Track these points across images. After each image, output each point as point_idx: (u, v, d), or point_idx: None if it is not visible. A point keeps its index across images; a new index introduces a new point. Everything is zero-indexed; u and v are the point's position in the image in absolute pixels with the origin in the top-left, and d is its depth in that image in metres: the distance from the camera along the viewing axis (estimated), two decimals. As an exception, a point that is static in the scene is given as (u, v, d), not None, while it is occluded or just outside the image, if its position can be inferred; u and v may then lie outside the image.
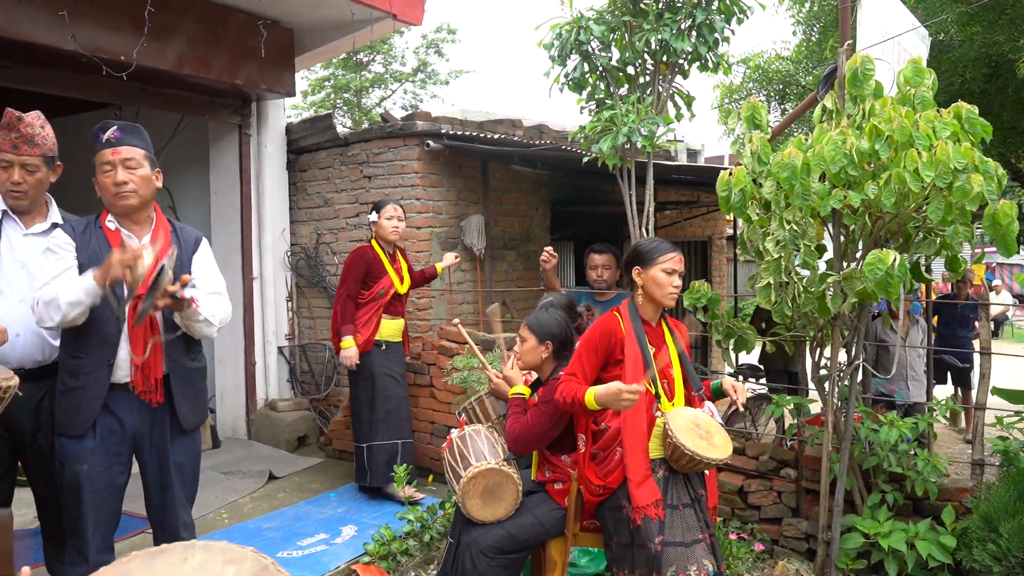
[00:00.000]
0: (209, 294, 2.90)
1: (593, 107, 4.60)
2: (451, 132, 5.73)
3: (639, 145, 4.24)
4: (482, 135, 5.86)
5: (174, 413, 2.85)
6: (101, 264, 2.66)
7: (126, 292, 2.61)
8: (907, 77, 3.43)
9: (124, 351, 2.72)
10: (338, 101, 21.54)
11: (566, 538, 3.03)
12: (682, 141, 9.41)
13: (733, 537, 3.83)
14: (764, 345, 4.02)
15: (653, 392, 2.82)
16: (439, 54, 22.40)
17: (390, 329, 4.85)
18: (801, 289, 3.37)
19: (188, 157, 6.24)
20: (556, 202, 7.39)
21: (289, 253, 6.21)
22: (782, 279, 3.38)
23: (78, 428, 2.70)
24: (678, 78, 4.53)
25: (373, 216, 4.85)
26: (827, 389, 3.69)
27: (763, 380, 7.65)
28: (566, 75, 4.49)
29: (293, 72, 5.64)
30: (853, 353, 3.66)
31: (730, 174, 3.47)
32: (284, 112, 6.19)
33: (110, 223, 2.77)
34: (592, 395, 2.70)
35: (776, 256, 3.38)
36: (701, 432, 2.75)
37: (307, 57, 5.94)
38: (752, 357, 8.35)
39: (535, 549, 3.11)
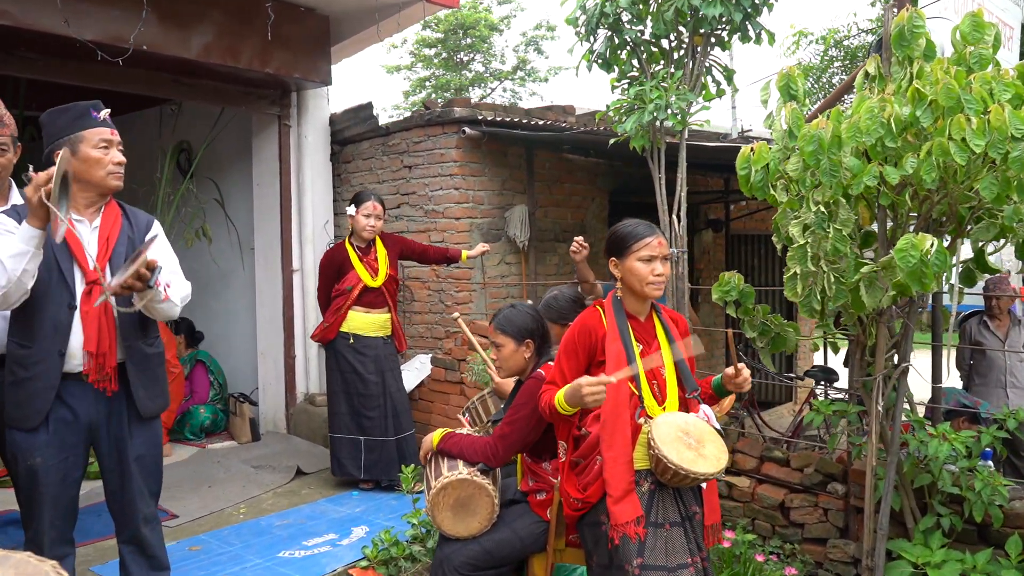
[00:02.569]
0: (170, 274, 2.79)
1: (626, 86, 4.25)
2: (488, 119, 5.48)
3: (668, 123, 3.88)
4: (519, 121, 5.59)
5: (131, 402, 2.73)
6: (51, 249, 2.58)
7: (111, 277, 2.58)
8: (964, 33, 2.94)
9: (77, 339, 2.61)
10: (439, 101, 21.90)
11: (548, 554, 2.74)
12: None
13: (760, 559, 3.42)
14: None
15: (638, 395, 2.49)
16: (538, 51, 22.32)
17: (361, 322, 4.77)
18: (832, 280, 2.94)
19: (235, 149, 6.24)
20: (615, 192, 7.01)
21: (331, 246, 6.12)
22: (809, 268, 2.96)
23: (31, 421, 2.59)
24: (716, 51, 4.13)
25: (351, 209, 4.76)
26: (872, 395, 3.24)
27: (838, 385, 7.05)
28: (591, 51, 4.17)
29: (329, 61, 5.52)
30: (901, 354, 3.19)
31: (752, 150, 3.08)
32: (327, 103, 6.09)
33: None
34: (561, 396, 2.42)
35: (802, 243, 2.97)
36: (690, 441, 2.40)
37: (346, 45, 5.80)
38: (837, 360, 7.72)
39: (516, 565, 2.83)
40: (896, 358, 3.24)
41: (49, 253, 2.58)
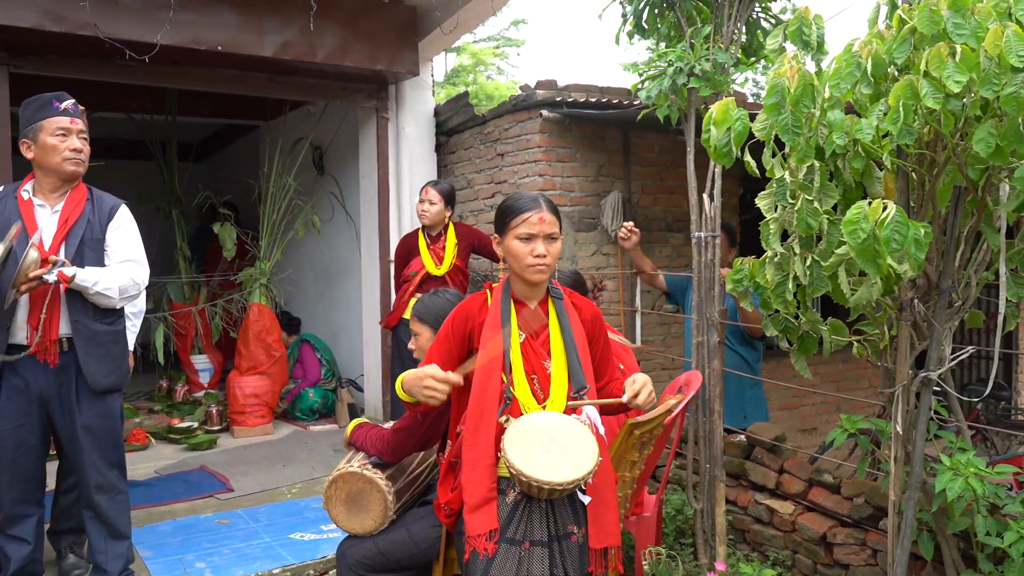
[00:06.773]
0: (119, 263, 2.92)
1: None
2: (570, 100, 5.17)
3: (692, 88, 3.39)
4: (607, 101, 5.21)
5: (81, 375, 2.87)
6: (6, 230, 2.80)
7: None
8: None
9: (22, 313, 2.81)
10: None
11: (439, 563, 2.49)
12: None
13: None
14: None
15: (507, 391, 2.17)
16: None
17: None
18: (808, 264, 2.38)
19: (350, 143, 6.46)
20: (747, 178, 6.33)
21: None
22: (776, 250, 2.42)
23: None
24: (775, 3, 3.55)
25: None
26: (894, 410, 2.58)
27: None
28: (625, 15, 3.76)
29: (415, 51, 5.50)
30: (928, 360, 2.51)
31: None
32: (431, 95, 6.12)
33: (25, 192, 2.88)
34: (401, 379, 2.19)
35: (769, 218, 2.44)
36: (550, 446, 2.05)
37: (436, 37, 5.73)
38: None
39: (421, 570, 2.60)
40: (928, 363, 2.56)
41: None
